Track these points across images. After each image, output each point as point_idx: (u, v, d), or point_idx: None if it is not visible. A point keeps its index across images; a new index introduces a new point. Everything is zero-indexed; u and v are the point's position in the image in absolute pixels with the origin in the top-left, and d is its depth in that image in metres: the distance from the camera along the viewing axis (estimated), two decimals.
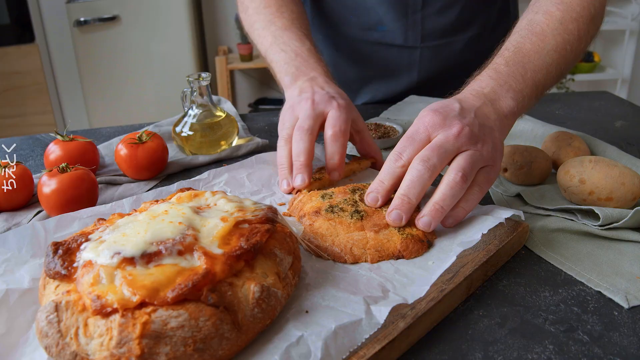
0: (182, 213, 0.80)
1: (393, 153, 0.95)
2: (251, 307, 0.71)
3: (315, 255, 0.92)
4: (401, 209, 0.93)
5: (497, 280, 0.92)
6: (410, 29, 1.65)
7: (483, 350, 0.77)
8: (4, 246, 0.91)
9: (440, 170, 0.92)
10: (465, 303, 0.86)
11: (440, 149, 0.91)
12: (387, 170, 0.96)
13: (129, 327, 0.65)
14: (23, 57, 3.80)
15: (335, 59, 1.77)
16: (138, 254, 0.72)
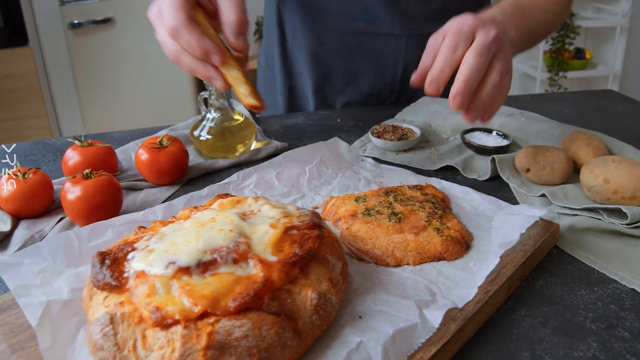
0: (230, 220, 0.80)
1: (449, 46, 1.04)
2: (309, 314, 0.70)
3: (357, 259, 0.92)
4: (463, 95, 1.02)
5: (534, 280, 0.93)
6: (396, 17, 1.64)
7: (530, 349, 0.78)
8: (37, 256, 0.89)
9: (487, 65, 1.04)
10: (507, 303, 0.87)
11: (483, 46, 1.02)
12: (446, 61, 1.04)
13: (192, 339, 0.64)
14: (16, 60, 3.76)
15: (319, 53, 1.75)
16: (193, 263, 0.71)
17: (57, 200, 1.22)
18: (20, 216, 1.16)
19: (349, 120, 1.67)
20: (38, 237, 1.10)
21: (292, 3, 1.73)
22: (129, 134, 1.63)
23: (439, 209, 1.02)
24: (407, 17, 1.65)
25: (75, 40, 3.97)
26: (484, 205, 1.07)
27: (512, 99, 1.82)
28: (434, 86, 1.05)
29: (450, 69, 1.04)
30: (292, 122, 1.68)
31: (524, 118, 1.54)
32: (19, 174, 1.15)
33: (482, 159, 1.36)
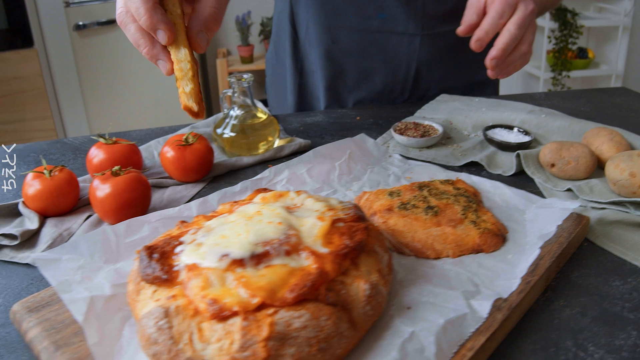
0: (277, 213, 0.80)
1: (496, 11, 1.19)
2: (362, 305, 0.71)
3: (397, 252, 0.93)
4: (499, 59, 1.19)
5: (568, 272, 0.94)
6: (411, 15, 1.65)
7: (572, 338, 0.79)
8: (75, 252, 0.90)
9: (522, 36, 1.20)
10: (544, 294, 0.89)
11: (523, 18, 1.19)
12: (491, 24, 1.20)
13: (252, 330, 0.64)
14: (22, 62, 3.75)
15: (332, 52, 1.75)
16: (247, 255, 0.71)
17: (83, 197, 1.22)
18: (47, 214, 1.16)
19: (368, 118, 1.68)
20: (66, 234, 1.10)
21: (306, 1, 1.73)
22: (148, 133, 1.63)
23: (473, 202, 1.03)
24: (422, 16, 1.66)
25: (80, 41, 3.97)
26: (516, 199, 1.08)
27: (528, 97, 1.83)
28: (478, 44, 1.21)
29: (495, 32, 1.20)
30: (311, 120, 1.69)
31: (544, 115, 1.54)
32: (45, 172, 1.15)
33: (505, 155, 1.37)
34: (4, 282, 0.97)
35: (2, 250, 1.06)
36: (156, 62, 0.95)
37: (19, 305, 0.83)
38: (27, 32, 3.79)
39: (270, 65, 2.01)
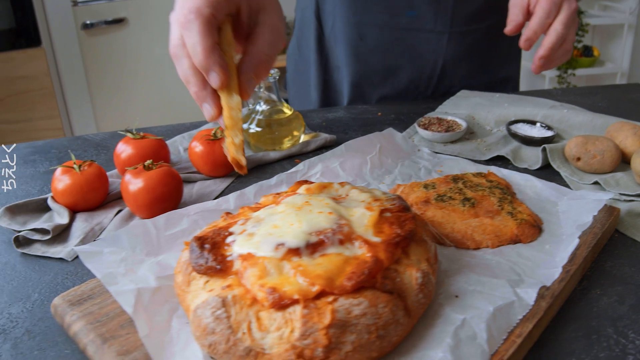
0: (325, 203, 0.81)
1: (543, 10, 1.22)
2: (416, 292, 0.72)
3: (437, 242, 0.94)
4: (546, 58, 1.23)
5: (602, 262, 0.96)
6: (440, 13, 1.66)
7: (612, 326, 0.81)
8: (116, 245, 0.90)
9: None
10: (581, 284, 0.90)
11: (569, 17, 1.22)
12: (539, 24, 1.22)
13: (313, 318, 0.65)
14: (29, 61, 3.75)
15: (359, 48, 1.76)
16: (302, 244, 0.72)
17: (112, 192, 1.23)
18: (77, 209, 1.16)
19: (390, 114, 1.69)
20: (98, 229, 1.11)
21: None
22: (169, 129, 1.64)
23: (507, 194, 1.04)
24: (452, 14, 1.67)
25: (87, 40, 3.96)
26: (547, 191, 1.10)
27: (546, 93, 1.85)
28: (528, 44, 1.24)
29: (542, 31, 1.24)
30: (332, 116, 1.70)
31: (566, 110, 1.56)
32: (75, 167, 1.15)
33: (529, 149, 1.38)
34: (37, 277, 0.97)
35: (33, 245, 1.06)
36: (201, 105, 0.87)
37: (59, 299, 0.83)
38: (35, 31, 3.79)
39: (293, 61, 2.02)
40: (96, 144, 1.57)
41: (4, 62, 3.76)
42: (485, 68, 1.85)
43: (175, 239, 0.94)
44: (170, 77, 4.22)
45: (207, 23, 0.80)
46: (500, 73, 1.88)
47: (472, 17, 1.69)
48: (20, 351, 0.80)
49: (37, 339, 0.82)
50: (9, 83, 3.78)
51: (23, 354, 0.79)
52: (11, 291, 0.94)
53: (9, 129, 3.89)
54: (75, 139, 1.63)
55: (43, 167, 1.43)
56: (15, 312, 0.88)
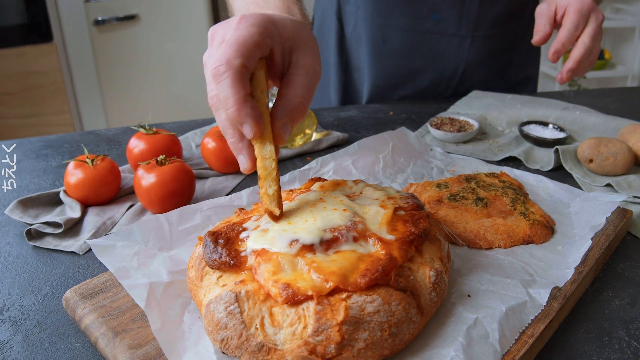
0: (340, 201, 0.81)
1: (572, 23, 1.23)
2: (429, 291, 0.72)
3: (449, 242, 0.94)
4: (574, 71, 1.25)
5: (614, 264, 0.95)
6: (464, 17, 1.67)
7: (625, 328, 0.81)
8: (129, 239, 0.90)
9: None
10: (593, 285, 0.90)
11: (596, 30, 1.24)
12: (568, 37, 1.24)
13: (327, 314, 0.65)
14: (41, 57, 3.76)
15: (381, 50, 1.77)
16: (317, 241, 0.72)
17: (124, 187, 1.23)
18: (88, 203, 1.17)
19: (401, 113, 1.69)
20: (109, 223, 1.11)
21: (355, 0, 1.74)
22: (182, 125, 1.64)
23: (520, 195, 1.04)
24: (476, 18, 1.67)
25: (99, 37, 3.97)
26: (559, 192, 1.09)
27: (558, 95, 1.84)
28: (556, 56, 1.26)
29: (570, 44, 1.26)
30: (345, 115, 1.70)
31: (579, 112, 1.55)
32: (88, 161, 1.15)
33: (542, 151, 1.37)
34: (48, 270, 0.98)
35: (45, 238, 1.07)
36: (237, 156, 0.82)
37: (71, 292, 0.84)
38: (47, 27, 3.80)
39: None
40: (108, 139, 1.57)
41: (16, 57, 3.77)
42: (506, 70, 1.86)
43: (188, 234, 0.94)
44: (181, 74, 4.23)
45: (238, 74, 0.76)
46: (520, 75, 1.89)
47: (494, 21, 1.70)
48: (31, 343, 0.80)
49: (48, 332, 0.83)
50: (21, 78, 3.80)
51: (34, 346, 0.80)
52: (22, 284, 0.94)
53: (20, 124, 3.90)
54: (88, 134, 1.63)
55: (55, 161, 1.43)
56: (27, 305, 0.89)
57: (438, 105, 1.74)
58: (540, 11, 1.32)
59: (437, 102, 1.77)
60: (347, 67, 1.87)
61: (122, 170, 1.31)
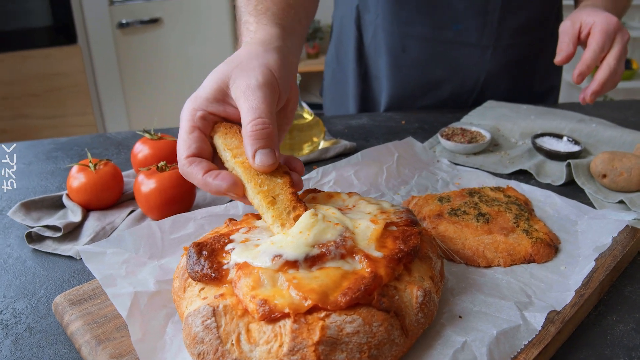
0: (332, 213, 0.78)
1: (597, 44, 1.23)
2: (415, 312, 0.69)
3: (446, 258, 0.91)
4: (599, 93, 1.24)
5: (622, 286, 0.91)
6: (487, 26, 1.64)
7: (627, 355, 0.77)
8: (120, 246, 0.89)
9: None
10: (597, 309, 0.86)
11: (622, 51, 1.24)
12: (593, 59, 1.23)
13: (303, 333, 0.62)
14: (65, 59, 3.81)
15: (401, 60, 1.75)
16: (301, 257, 0.69)
17: (126, 192, 1.22)
18: (90, 207, 1.16)
19: (414, 122, 1.66)
20: (109, 228, 1.10)
21: (376, 7, 1.72)
22: None
23: (525, 211, 1.00)
24: (497, 28, 1.64)
25: (122, 39, 4.01)
26: (567, 209, 1.06)
27: (577, 106, 1.80)
28: (580, 78, 1.24)
29: (595, 64, 1.25)
30: (356, 123, 1.67)
31: (595, 124, 1.51)
32: (91, 165, 1.15)
33: (554, 164, 1.34)
34: (45, 273, 0.97)
35: (45, 241, 1.06)
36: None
37: (61, 297, 0.83)
38: (71, 29, 3.84)
39: (330, 70, 2.00)
40: (118, 143, 1.57)
41: (41, 58, 3.82)
42: (528, 80, 1.82)
43: (180, 242, 0.93)
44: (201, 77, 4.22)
45: (192, 161, 0.79)
46: (544, 85, 1.86)
47: (517, 31, 1.67)
48: (19, 347, 0.80)
49: (38, 336, 0.82)
50: (45, 79, 3.84)
51: (21, 351, 0.79)
52: (18, 286, 0.94)
53: (43, 124, 3.94)
54: (98, 137, 1.63)
55: (64, 163, 1.43)
56: (20, 308, 0.88)
57: (452, 115, 1.70)
58: (564, 29, 1.31)
59: (452, 112, 1.74)
60: (365, 76, 1.85)
61: (127, 175, 1.30)
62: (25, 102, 3.87)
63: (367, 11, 1.75)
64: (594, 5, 1.39)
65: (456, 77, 1.74)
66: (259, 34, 0.93)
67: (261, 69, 0.81)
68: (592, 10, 1.31)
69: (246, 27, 0.98)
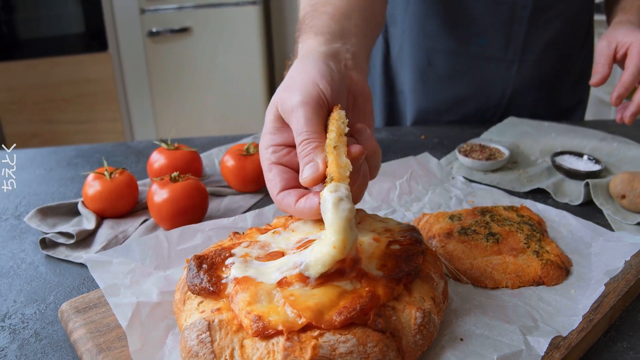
0: None
1: (636, 66, 1.24)
2: (413, 333, 0.68)
3: (453, 278, 0.89)
4: (636, 113, 1.26)
5: (634, 312, 0.88)
6: (513, 41, 1.62)
7: None
8: (127, 256, 0.89)
9: None
10: (607, 334, 0.83)
11: None
12: (631, 82, 1.25)
13: (295, 352, 0.62)
14: (95, 65, 3.87)
15: (427, 74, 1.74)
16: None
17: (141, 201, 1.23)
18: (105, 215, 1.17)
19: (433, 138, 1.64)
20: (122, 237, 1.11)
21: (402, 21, 1.71)
22: (211, 140, 1.64)
23: (537, 231, 0.98)
24: (524, 43, 1.63)
25: (152, 47, 4.06)
26: (582, 230, 1.03)
27: (600, 124, 1.76)
28: (619, 101, 1.27)
29: (633, 86, 1.26)
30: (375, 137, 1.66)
31: (617, 143, 1.48)
32: (106, 174, 1.16)
33: (573, 183, 1.31)
34: (57, 280, 0.98)
35: (58, 248, 1.07)
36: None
37: (67, 305, 0.83)
38: (103, 36, 3.91)
39: None
40: (138, 152, 1.58)
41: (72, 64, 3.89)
42: (555, 96, 1.80)
43: (186, 254, 0.93)
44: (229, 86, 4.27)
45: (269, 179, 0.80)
46: (570, 100, 1.83)
47: (544, 46, 1.65)
48: (24, 352, 0.80)
49: (43, 343, 0.82)
50: (75, 85, 3.91)
51: (26, 356, 0.80)
52: (29, 292, 0.95)
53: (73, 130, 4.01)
54: (120, 145, 1.65)
55: (84, 170, 1.45)
56: (29, 313, 0.89)
57: (473, 130, 1.68)
58: (600, 50, 1.32)
59: (472, 128, 1.72)
60: (392, 90, 1.85)
61: (143, 183, 1.31)
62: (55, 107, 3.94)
63: (395, 24, 1.74)
64: (630, 22, 1.39)
65: (482, 92, 1.73)
66: (302, 49, 0.93)
67: (301, 83, 0.81)
68: (628, 30, 1.31)
69: (295, 48, 0.99)
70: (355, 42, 0.96)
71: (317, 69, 0.82)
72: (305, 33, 0.97)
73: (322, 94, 0.79)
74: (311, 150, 0.75)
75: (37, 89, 3.86)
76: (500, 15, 1.58)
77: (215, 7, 4.06)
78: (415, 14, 1.66)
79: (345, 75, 0.87)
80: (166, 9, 4.02)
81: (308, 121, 0.77)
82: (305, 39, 0.95)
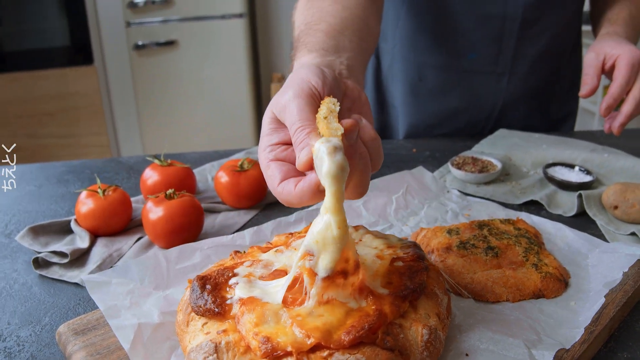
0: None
1: (624, 78, 1.28)
2: (420, 350, 0.68)
3: (454, 293, 0.89)
4: (625, 125, 1.31)
5: (633, 322, 0.89)
6: (502, 54, 1.64)
7: None
8: (126, 276, 0.89)
9: None
10: (607, 345, 0.84)
11: None
12: (620, 93, 1.28)
13: None
14: (81, 79, 3.85)
15: (417, 89, 1.75)
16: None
17: (135, 218, 1.22)
18: (98, 233, 1.16)
19: (425, 151, 1.65)
20: (116, 255, 1.10)
21: (393, 36, 1.72)
22: (203, 156, 1.63)
23: (535, 244, 0.99)
24: (513, 55, 1.64)
25: (138, 61, 4.04)
26: (578, 242, 1.04)
27: (589, 134, 1.78)
28: (608, 111, 1.31)
29: (622, 97, 1.30)
30: None
31: (607, 154, 1.50)
32: (99, 191, 1.15)
33: (566, 195, 1.32)
34: (51, 300, 0.97)
35: (52, 267, 1.06)
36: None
37: (65, 327, 0.82)
38: (88, 49, 3.89)
39: None
40: (129, 167, 1.57)
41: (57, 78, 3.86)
42: (545, 107, 1.81)
43: (186, 273, 0.92)
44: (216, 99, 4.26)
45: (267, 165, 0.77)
46: (561, 112, 1.85)
47: (533, 59, 1.66)
48: None
49: None
50: (60, 99, 3.88)
51: None
52: (23, 313, 0.93)
53: (57, 143, 3.97)
54: (110, 161, 1.63)
55: (75, 187, 1.44)
56: (24, 336, 0.88)
57: (464, 143, 1.69)
58: (588, 62, 1.34)
59: (463, 140, 1.73)
60: (383, 104, 1.85)
61: (136, 200, 1.30)
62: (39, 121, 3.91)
63: (385, 40, 1.75)
64: (617, 34, 1.42)
65: (473, 105, 1.74)
66: (297, 65, 0.93)
67: (293, 83, 0.81)
68: (615, 42, 1.34)
69: (290, 67, 0.98)
70: (349, 56, 0.97)
71: (309, 71, 0.83)
72: (300, 50, 0.98)
73: (314, 88, 0.79)
74: (305, 136, 0.73)
75: (20, 103, 3.83)
76: (490, 29, 1.59)
77: (201, 20, 4.06)
78: (406, 29, 1.67)
79: (339, 81, 0.87)
80: (152, 22, 4.01)
81: (301, 111, 0.76)
82: (300, 56, 0.95)
